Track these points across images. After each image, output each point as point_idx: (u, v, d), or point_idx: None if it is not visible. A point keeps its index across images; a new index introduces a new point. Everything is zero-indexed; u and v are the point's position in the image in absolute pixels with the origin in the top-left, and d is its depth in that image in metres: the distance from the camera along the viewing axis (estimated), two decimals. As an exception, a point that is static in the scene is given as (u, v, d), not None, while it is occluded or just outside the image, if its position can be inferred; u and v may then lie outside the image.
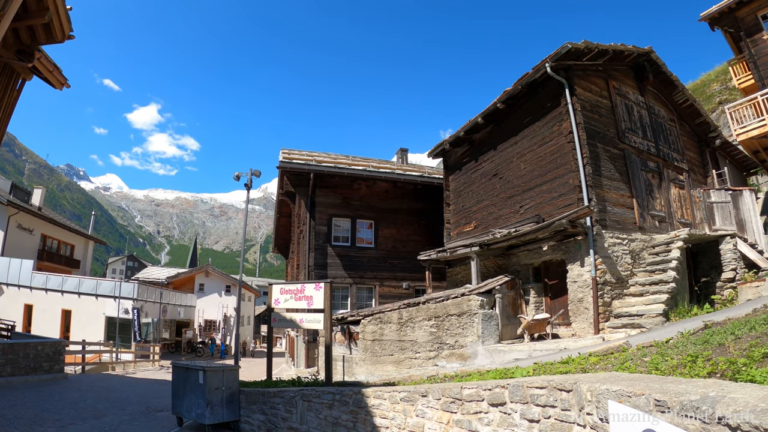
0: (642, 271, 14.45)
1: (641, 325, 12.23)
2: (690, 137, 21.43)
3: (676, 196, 18.11)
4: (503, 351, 12.53)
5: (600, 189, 14.41)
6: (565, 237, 14.18)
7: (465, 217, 19.12)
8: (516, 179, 16.67)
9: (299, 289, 12.07)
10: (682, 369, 5.24)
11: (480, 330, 13.28)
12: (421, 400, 6.75)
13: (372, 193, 24.02)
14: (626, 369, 5.85)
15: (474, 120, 17.96)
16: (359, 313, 17.49)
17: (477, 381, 6.60)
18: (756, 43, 23.00)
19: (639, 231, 15.44)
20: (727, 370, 4.72)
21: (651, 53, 17.82)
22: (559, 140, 15.04)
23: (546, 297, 15.46)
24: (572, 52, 14.61)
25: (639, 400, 3.41)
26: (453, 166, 20.50)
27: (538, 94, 15.99)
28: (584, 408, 4.23)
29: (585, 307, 13.42)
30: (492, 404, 5.50)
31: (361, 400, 8.01)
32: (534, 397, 4.95)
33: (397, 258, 23.71)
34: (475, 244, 15.56)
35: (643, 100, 18.31)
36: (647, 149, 17.29)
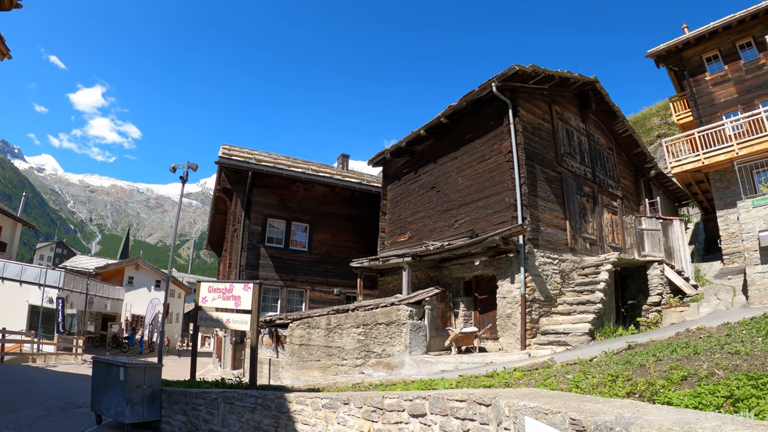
0: (571, 291, 15.13)
1: (567, 343, 12.79)
2: (626, 166, 22.51)
3: (608, 221, 18.97)
4: (430, 362, 12.74)
5: (535, 209, 15.00)
6: (498, 253, 14.62)
7: (400, 227, 19.43)
8: (453, 193, 17.05)
9: (228, 289, 11.94)
10: (602, 388, 5.40)
11: (408, 340, 13.48)
12: (343, 407, 6.76)
13: (310, 197, 24.07)
14: (548, 386, 6.00)
15: (417, 132, 18.32)
16: (288, 316, 17.48)
17: (399, 391, 6.69)
18: (698, 83, 24.38)
19: (570, 252, 16.16)
20: (646, 391, 4.94)
21: (596, 83, 18.66)
22: (498, 158, 15.53)
23: (475, 311, 15.89)
24: (519, 74, 15.14)
25: (555, 417, 3.45)
26: (392, 175, 20.78)
27: (482, 111, 16.43)
28: (502, 423, 4.26)
29: (513, 323, 13.89)
30: (412, 415, 5.56)
31: (283, 405, 7.98)
32: (454, 409, 5.01)
33: (330, 263, 23.77)
34: (408, 254, 15.83)
35: (584, 126, 19.14)
36: (584, 174, 18.13)
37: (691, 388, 4.64)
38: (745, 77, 23.61)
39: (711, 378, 5.08)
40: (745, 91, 23.50)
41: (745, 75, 23.64)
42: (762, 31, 23.07)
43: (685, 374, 5.35)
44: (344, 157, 31.44)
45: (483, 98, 15.91)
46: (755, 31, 23.55)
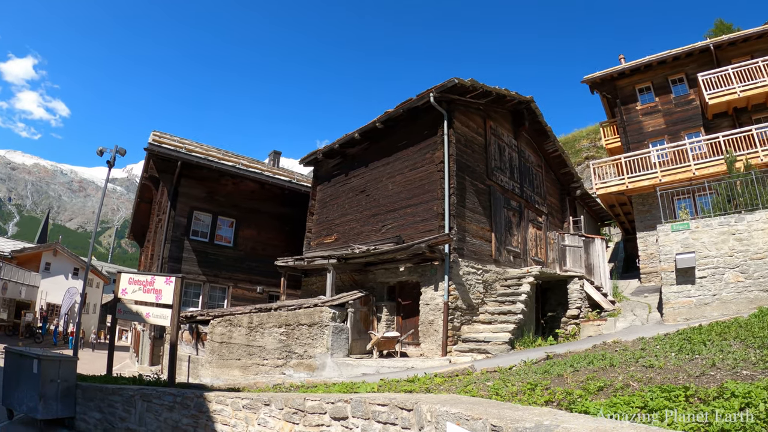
0: (493, 301, 15.63)
1: (488, 351, 13.20)
2: (554, 184, 23.41)
3: (533, 235, 19.67)
4: (352, 365, 12.90)
5: (462, 219, 15.42)
6: (423, 260, 14.92)
7: (327, 229, 19.47)
8: (383, 198, 17.29)
9: (149, 281, 11.56)
10: (521, 396, 5.59)
11: (330, 342, 13.55)
12: (264, 408, 6.71)
13: (238, 191, 23.75)
14: (469, 392, 6.15)
15: (351, 135, 18.45)
16: (209, 313, 17.26)
17: (321, 393, 6.75)
18: (629, 111, 25.69)
19: (494, 263, 16.70)
20: (564, 400, 5.15)
21: (531, 102, 19.40)
22: (430, 167, 15.87)
23: (398, 316, 16.13)
24: (458, 87, 15.53)
25: (477, 424, 3.53)
26: (323, 176, 20.79)
27: (417, 120, 16.72)
28: (424, 428, 4.31)
29: (435, 330, 14.19)
30: (334, 418, 5.58)
31: (202, 404, 7.84)
32: (376, 413, 5.05)
33: (255, 260, 23.55)
34: (334, 256, 15.90)
35: (515, 143, 19.82)
36: (512, 189, 18.80)
37: (607, 398, 4.85)
38: (674, 110, 25.06)
39: (626, 389, 5.33)
40: (672, 122, 24.94)
41: (674, 108, 25.10)
42: (695, 68, 24.66)
43: (602, 385, 5.60)
44: (276, 153, 31.33)
45: (420, 107, 16.17)
46: (688, 68, 25.19)
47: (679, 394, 4.62)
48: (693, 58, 25.23)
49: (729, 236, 14.52)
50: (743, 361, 6.17)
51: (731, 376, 5.50)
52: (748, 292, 13.89)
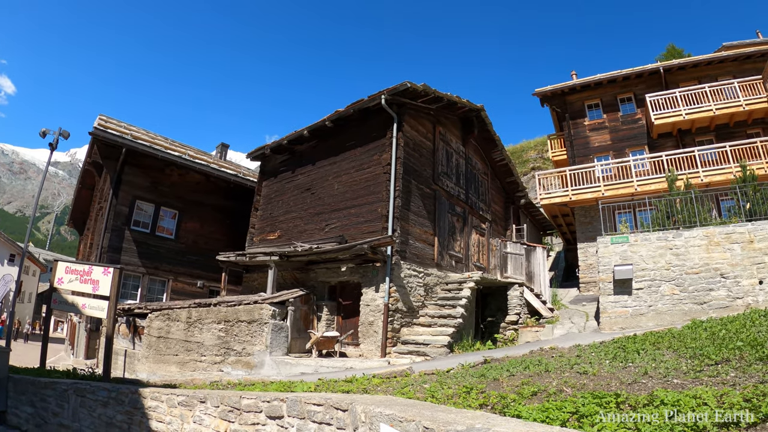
0: (433, 304, 15.89)
1: (426, 353, 13.35)
2: (499, 192, 23.92)
3: (475, 241, 20.03)
4: (290, 364, 12.89)
5: (406, 222, 15.61)
6: (365, 261, 15.02)
7: (271, 225, 19.34)
8: (328, 198, 17.31)
9: (86, 271, 11.17)
10: (457, 399, 5.58)
11: (269, 340, 13.52)
12: (200, 406, 6.59)
13: (183, 182, 23.36)
14: (405, 394, 6.16)
15: (300, 132, 18.47)
16: (148, 306, 16.91)
17: (257, 392, 6.66)
18: (577, 126, 26.48)
19: (436, 267, 16.96)
20: (498, 404, 5.14)
21: (481, 111, 19.80)
22: (376, 169, 16.00)
23: (338, 316, 16.18)
24: (409, 91, 15.69)
25: (410, 425, 3.54)
26: (269, 172, 20.64)
27: (367, 121, 16.81)
28: (358, 428, 4.31)
29: (375, 331, 14.30)
30: (270, 417, 5.54)
31: (137, 400, 7.64)
32: (311, 413, 5.04)
33: (196, 254, 23.19)
34: (276, 253, 15.85)
35: (463, 150, 20.18)
36: (457, 195, 19.13)
37: (540, 403, 4.88)
38: (621, 128, 25.98)
39: (559, 394, 5.39)
40: (618, 139, 25.85)
41: (621, 125, 26.03)
42: (644, 89, 25.71)
43: (536, 390, 5.66)
44: (224, 146, 30.94)
45: (371, 108, 16.28)
46: (638, 88, 26.23)
47: (610, 400, 4.72)
48: (642, 79, 26.30)
49: (666, 251, 15.17)
50: (675, 370, 6.35)
51: (662, 384, 5.64)
52: (682, 305, 14.57)
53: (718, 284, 14.53)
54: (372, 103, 15.99)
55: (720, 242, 14.89)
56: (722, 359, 6.67)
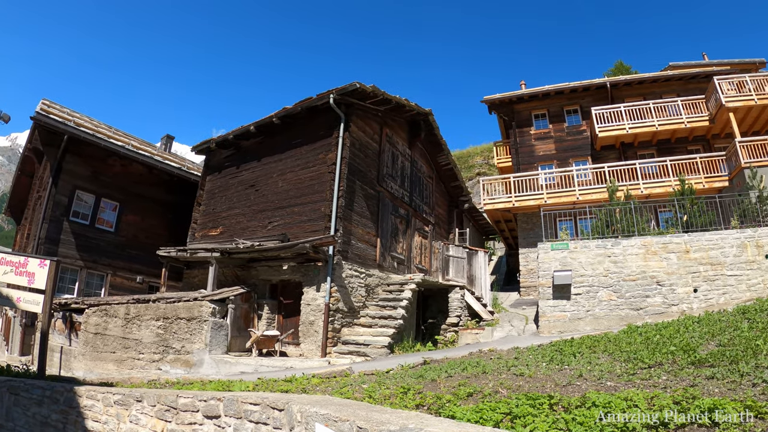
0: (374, 305, 15.97)
1: (367, 354, 13.44)
2: (443, 196, 24.25)
3: (418, 243, 20.24)
4: (230, 362, 12.77)
5: (349, 223, 15.65)
6: (307, 260, 14.97)
7: (213, 221, 19.04)
8: (272, 195, 17.19)
9: (22, 263, 10.82)
10: (394, 399, 5.60)
11: (209, 338, 13.35)
12: (136, 405, 6.44)
13: (125, 173, 22.60)
14: (344, 394, 6.15)
15: (246, 127, 18.21)
16: (85, 301, 16.40)
17: (194, 391, 6.58)
18: (523, 135, 27.11)
19: (378, 268, 17.07)
20: (434, 405, 5.18)
21: (429, 115, 20.02)
22: (321, 168, 16.01)
23: (279, 315, 16.05)
24: (358, 92, 15.76)
25: (344, 425, 3.55)
26: (214, 166, 20.31)
27: (315, 120, 16.79)
28: (294, 428, 4.30)
29: (315, 330, 14.27)
30: (207, 416, 5.45)
31: (73, 399, 7.40)
32: (248, 412, 4.98)
33: (136, 248, 22.50)
34: (218, 250, 15.65)
35: (409, 153, 20.39)
36: (401, 197, 19.33)
37: (475, 404, 4.93)
38: (566, 138, 26.71)
39: (495, 396, 5.44)
40: (563, 149, 26.55)
41: (566, 136, 26.77)
42: (590, 102, 26.61)
43: (471, 391, 5.70)
44: (169, 138, 30.19)
45: (319, 107, 16.27)
46: (584, 101, 27.12)
47: (544, 401, 4.79)
48: (590, 92, 27.17)
49: (605, 258, 15.67)
50: (609, 373, 6.49)
51: (596, 386, 5.77)
52: (619, 310, 15.10)
53: (654, 291, 15.12)
54: (320, 101, 15.99)
55: (657, 251, 15.49)
56: (655, 363, 6.86)
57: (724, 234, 15.53)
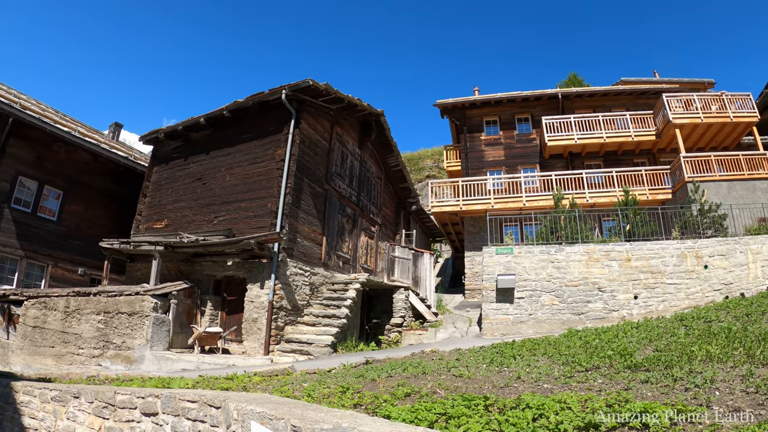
0: (318, 304, 15.98)
1: (310, 352, 13.49)
2: (391, 197, 24.53)
3: (364, 243, 20.37)
4: (172, 359, 12.57)
5: (295, 220, 15.68)
6: (252, 257, 14.89)
7: (158, 213, 18.68)
8: (219, 189, 17.03)
9: None
10: (333, 398, 5.66)
11: (150, 334, 13.09)
12: (74, 401, 6.34)
13: (71, 161, 21.69)
14: (284, 392, 6.16)
15: (196, 119, 17.91)
16: (24, 292, 15.80)
17: (133, 387, 6.49)
18: (473, 140, 27.54)
19: (323, 267, 17.13)
20: (371, 404, 5.25)
21: (381, 116, 20.23)
22: (270, 164, 15.95)
23: (223, 311, 15.88)
24: (311, 89, 15.83)
25: (279, 423, 3.58)
26: (162, 157, 19.88)
27: (266, 115, 16.70)
28: (231, 426, 4.31)
29: (258, 328, 14.22)
30: (145, 413, 5.42)
31: (9, 394, 7.31)
32: (186, 410, 4.95)
33: (79, 239, 21.66)
34: (162, 243, 15.35)
35: (359, 152, 20.55)
36: (349, 196, 19.44)
37: (411, 404, 4.97)
38: (515, 145, 27.28)
39: (432, 396, 5.52)
40: (512, 156, 27.11)
41: (516, 143, 27.35)
42: (541, 112, 27.30)
43: (409, 391, 5.80)
44: (117, 126, 29.52)
45: (271, 102, 16.21)
46: (535, 110, 27.79)
47: (479, 402, 4.85)
48: (541, 102, 27.89)
49: (548, 263, 16.10)
50: (547, 375, 6.65)
51: (532, 388, 5.92)
52: (561, 314, 15.54)
53: (595, 297, 15.61)
54: (272, 96, 15.96)
55: (600, 259, 15.99)
56: (592, 366, 7.04)
57: (665, 244, 16.15)
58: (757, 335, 7.52)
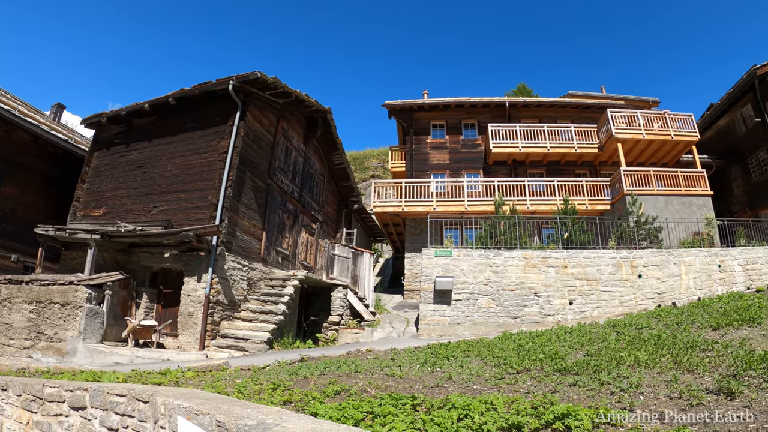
0: (256, 299, 15.93)
1: (246, 349, 13.44)
2: (334, 195, 24.74)
3: (305, 240, 20.41)
4: (105, 352, 12.28)
5: (235, 214, 15.60)
6: (190, 249, 14.75)
7: (96, 201, 18.06)
8: (160, 179, 16.69)
9: None
10: (263, 395, 5.69)
11: (83, 325, 12.76)
12: (1, 394, 6.25)
13: (9, 141, 20.42)
14: (215, 388, 6.16)
15: (141, 104, 17.52)
16: None
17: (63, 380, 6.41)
18: (419, 142, 27.97)
19: (262, 262, 17.08)
20: (300, 402, 5.32)
21: (328, 113, 20.36)
22: (213, 156, 15.79)
23: (158, 304, 15.63)
24: (259, 81, 15.76)
25: (204, 419, 3.60)
26: (103, 142, 19.17)
27: (212, 105, 16.57)
28: (159, 421, 4.30)
29: (194, 322, 14.07)
30: (73, 407, 5.32)
31: None
32: (114, 404, 4.90)
33: (13, 224, 20.38)
34: (98, 231, 14.88)
35: (304, 148, 20.59)
36: (291, 192, 19.48)
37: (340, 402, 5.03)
38: (460, 150, 27.81)
39: (361, 395, 5.62)
40: (456, 161, 27.63)
41: (461, 148, 27.88)
42: (488, 118, 27.94)
43: (339, 389, 5.88)
44: (60, 107, 28.30)
45: (217, 92, 16.08)
46: (482, 116, 28.42)
47: (407, 402, 4.94)
48: (489, 109, 28.53)
49: (486, 267, 16.49)
50: (478, 376, 6.81)
51: (462, 389, 6.03)
52: (498, 317, 15.98)
53: (532, 302, 16.13)
54: (219, 86, 15.84)
55: (537, 264, 16.49)
56: (523, 369, 7.29)
57: (601, 253, 16.80)
58: (685, 343, 7.85)
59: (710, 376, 5.75)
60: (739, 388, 4.96)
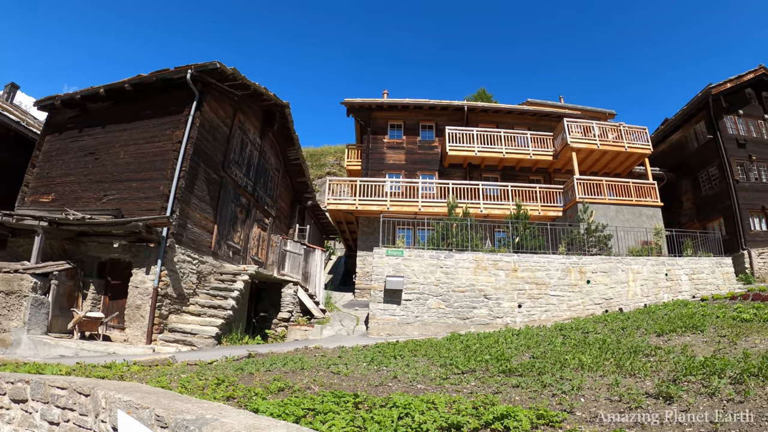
0: (205, 294, 15.83)
1: (193, 343, 13.36)
2: (288, 190, 24.78)
3: (257, 235, 20.38)
4: (50, 344, 12.00)
5: (187, 205, 15.47)
6: (139, 240, 14.53)
7: (46, 186, 17.49)
8: (111, 166, 16.34)
9: None
10: (207, 390, 5.69)
11: (28, 316, 12.39)
12: None
13: None
14: (160, 383, 6.12)
15: (96, 88, 16.95)
16: None
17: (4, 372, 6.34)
18: (376, 141, 28.22)
19: (212, 256, 17.02)
20: (243, 398, 5.33)
21: (286, 108, 20.36)
22: (166, 145, 15.59)
23: (106, 296, 15.26)
24: (218, 71, 15.66)
25: (144, 413, 3.60)
26: (56, 126, 18.48)
27: (169, 93, 16.30)
28: (100, 414, 4.27)
29: (142, 315, 13.87)
30: (14, 400, 5.28)
31: None
32: (55, 397, 4.85)
33: None
34: (46, 219, 14.35)
35: (260, 142, 20.56)
36: (245, 186, 19.45)
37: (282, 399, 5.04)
38: (417, 151, 28.14)
39: (305, 392, 5.67)
40: (412, 161, 27.98)
41: (418, 149, 28.23)
42: (446, 121, 28.46)
43: (283, 386, 5.94)
44: (13, 87, 27.33)
45: (175, 80, 15.86)
46: (440, 119, 28.91)
47: (349, 400, 4.97)
48: (447, 112, 29.04)
49: (437, 268, 16.72)
50: (423, 376, 6.92)
51: (406, 388, 6.12)
52: (447, 318, 16.23)
53: (481, 303, 16.45)
54: (177, 75, 15.64)
55: (487, 267, 16.79)
56: (469, 369, 7.47)
57: (551, 258, 17.25)
58: (629, 348, 8.14)
59: (651, 381, 5.96)
60: (678, 392, 5.19)
